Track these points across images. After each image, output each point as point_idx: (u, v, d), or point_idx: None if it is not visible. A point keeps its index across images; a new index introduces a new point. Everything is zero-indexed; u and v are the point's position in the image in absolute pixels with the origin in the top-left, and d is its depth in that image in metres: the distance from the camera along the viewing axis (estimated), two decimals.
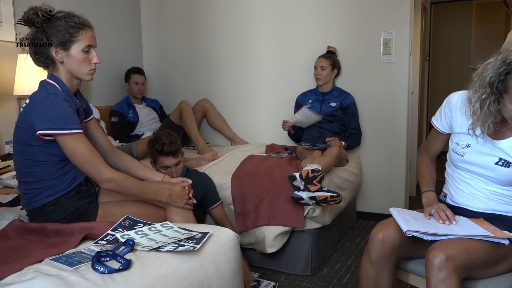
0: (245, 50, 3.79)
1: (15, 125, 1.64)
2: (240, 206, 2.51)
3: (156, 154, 2.30)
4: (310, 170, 2.26)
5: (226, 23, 3.84)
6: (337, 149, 2.79)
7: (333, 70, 3.26)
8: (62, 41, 1.62)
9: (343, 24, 3.43)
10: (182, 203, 1.82)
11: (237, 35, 3.81)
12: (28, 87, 2.75)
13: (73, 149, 1.57)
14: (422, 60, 4.60)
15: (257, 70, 3.77)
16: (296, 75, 3.62)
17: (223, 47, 3.88)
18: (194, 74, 4.04)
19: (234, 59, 3.85)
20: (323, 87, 3.28)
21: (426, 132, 5.35)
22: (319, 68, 3.22)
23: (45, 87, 1.63)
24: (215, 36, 3.90)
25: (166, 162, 2.29)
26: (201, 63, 3.99)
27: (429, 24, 5.35)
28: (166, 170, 2.29)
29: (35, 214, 1.66)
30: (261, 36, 3.72)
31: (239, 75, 3.85)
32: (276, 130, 3.69)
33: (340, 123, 3.21)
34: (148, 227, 1.53)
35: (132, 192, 1.72)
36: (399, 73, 3.31)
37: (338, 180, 2.80)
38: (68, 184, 1.67)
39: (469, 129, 1.51)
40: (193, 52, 4.02)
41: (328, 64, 3.22)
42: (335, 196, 2.26)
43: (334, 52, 3.38)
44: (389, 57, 3.31)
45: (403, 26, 3.27)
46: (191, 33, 4.00)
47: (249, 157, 2.96)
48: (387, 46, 3.31)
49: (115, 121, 3.58)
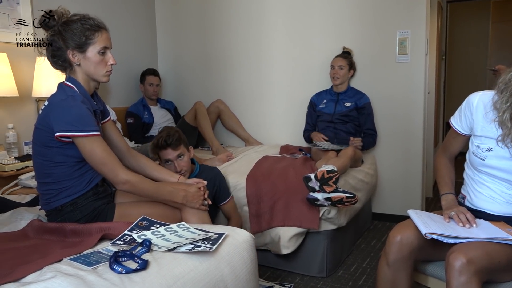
0: (259, 50, 3.79)
1: (34, 127, 1.67)
2: (255, 207, 2.51)
3: (156, 150, 2.23)
4: (325, 171, 2.25)
5: (239, 24, 3.85)
6: (352, 150, 2.77)
7: (350, 70, 3.25)
8: (78, 44, 1.64)
9: (358, 24, 3.41)
10: (198, 204, 1.83)
11: (251, 35, 3.81)
12: (46, 89, 2.79)
13: (90, 151, 1.58)
14: (438, 59, 4.54)
15: (271, 70, 3.77)
16: (310, 75, 3.60)
17: (237, 48, 3.88)
18: (208, 75, 4.06)
19: (248, 60, 3.85)
20: (338, 87, 3.27)
21: (443, 132, 5.28)
22: (337, 67, 3.20)
23: (63, 89, 1.65)
24: (229, 37, 3.91)
25: (166, 156, 2.20)
26: (215, 64, 4.01)
27: (445, 23, 5.28)
28: (169, 164, 2.21)
29: (54, 214, 1.69)
30: (275, 36, 3.72)
31: (253, 76, 3.85)
32: (290, 130, 3.68)
33: (354, 123, 3.18)
34: (164, 228, 1.54)
35: (148, 193, 1.73)
36: (415, 73, 3.27)
37: (353, 181, 2.78)
38: (85, 185, 1.69)
39: (498, 140, 1.46)
40: (207, 53, 4.03)
41: (346, 64, 3.21)
42: (350, 197, 2.24)
43: (350, 53, 3.36)
44: (405, 56, 3.28)
45: (419, 25, 3.23)
46: (205, 34, 4.02)
47: (263, 158, 2.96)
48: (402, 46, 3.28)
49: (131, 122, 3.62)
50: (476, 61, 6.17)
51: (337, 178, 2.26)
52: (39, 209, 1.88)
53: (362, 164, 3.11)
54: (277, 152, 3.33)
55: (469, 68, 6.23)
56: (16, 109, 2.89)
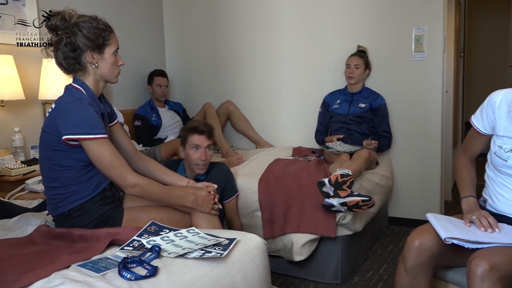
0: (270, 49, 3.79)
1: (41, 130, 1.69)
2: (268, 212, 2.51)
3: (187, 132, 2.35)
4: (339, 175, 2.24)
5: (249, 23, 3.86)
6: (366, 152, 2.76)
7: (366, 70, 3.24)
8: (97, 45, 1.66)
9: (372, 20, 3.40)
10: (208, 208, 1.84)
11: (261, 34, 3.81)
12: (53, 91, 2.82)
13: (98, 154, 1.60)
14: (456, 57, 4.50)
15: (282, 70, 3.77)
16: (323, 75, 3.59)
17: (247, 47, 3.89)
18: (218, 76, 4.07)
19: (258, 59, 3.85)
20: (353, 87, 3.25)
21: (462, 132, 5.23)
22: (353, 66, 3.19)
23: (70, 92, 1.67)
24: (238, 36, 3.92)
25: (198, 141, 2.33)
26: (225, 64, 4.02)
27: (464, 19, 5.23)
28: (196, 150, 2.32)
29: (61, 219, 1.70)
30: (286, 35, 3.72)
31: (264, 76, 3.85)
32: (303, 132, 3.67)
33: (369, 124, 3.17)
34: (174, 233, 1.54)
35: (157, 198, 1.74)
36: (432, 71, 3.25)
37: (368, 185, 2.77)
38: (93, 189, 1.70)
39: None
40: (216, 53, 4.05)
41: (362, 63, 3.20)
42: (366, 200, 2.23)
43: (366, 51, 3.35)
44: (421, 54, 3.26)
45: (436, 22, 3.20)
46: (214, 33, 4.03)
47: (275, 161, 2.96)
48: (419, 43, 3.25)
49: (138, 124, 3.64)
50: (496, 58, 6.10)
51: (352, 182, 2.25)
52: (46, 214, 1.90)
53: (377, 166, 3.09)
54: (289, 155, 3.33)
55: (488, 65, 6.16)
56: (23, 112, 2.93)
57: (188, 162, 2.39)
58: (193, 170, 2.39)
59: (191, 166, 2.39)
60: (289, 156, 3.28)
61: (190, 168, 2.41)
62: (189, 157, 2.36)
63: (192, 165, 2.37)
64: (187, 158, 2.40)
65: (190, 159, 2.36)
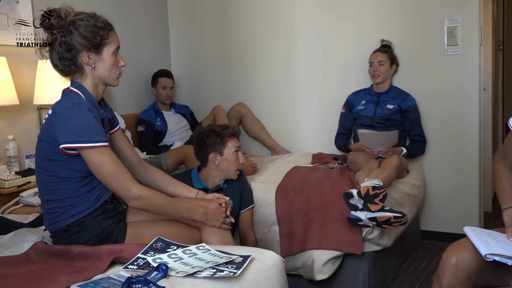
0: (285, 46, 3.80)
1: (38, 138, 1.71)
2: (286, 227, 2.51)
3: (227, 137, 2.40)
4: (370, 187, 2.23)
5: (262, 17, 3.87)
6: (397, 159, 2.74)
7: (392, 65, 3.23)
8: (94, 44, 1.68)
9: (399, 12, 3.38)
10: (219, 222, 1.84)
11: (276, 29, 3.82)
12: (49, 96, 2.86)
13: (98, 164, 1.62)
14: (494, 50, 4.45)
15: (299, 68, 3.77)
16: (345, 73, 3.59)
17: (260, 44, 3.90)
18: (228, 76, 4.09)
19: (273, 57, 3.86)
20: (379, 86, 3.24)
21: (503, 134, 5.15)
22: (377, 63, 3.19)
23: (68, 96, 1.69)
24: (251, 32, 3.93)
25: (237, 143, 2.43)
26: (236, 63, 4.04)
27: (502, 8, 5.17)
28: (237, 154, 2.41)
29: (59, 235, 1.72)
30: (303, 29, 3.72)
31: (279, 75, 3.86)
32: (323, 136, 3.67)
33: (398, 128, 3.15)
34: (182, 250, 1.55)
35: (163, 211, 1.75)
36: (468, 66, 3.22)
37: (398, 195, 2.75)
38: (93, 202, 1.72)
39: None
40: (226, 51, 4.07)
41: (386, 59, 3.19)
42: (399, 217, 2.22)
43: (390, 46, 3.34)
44: (455, 48, 3.23)
45: (471, 11, 3.18)
46: (224, 29, 4.06)
47: (293, 169, 2.96)
48: (452, 36, 3.23)
49: (142, 130, 3.68)
50: None
51: (385, 195, 2.24)
52: (43, 230, 1.92)
53: (407, 174, 3.07)
54: (308, 162, 3.33)
55: None
56: (17, 119, 2.98)
57: (227, 169, 2.41)
58: (231, 176, 2.44)
59: (229, 173, 2.43)
60: (309, 164, 3.28)
61: (225, 176, 2.44)
62: (230, 163, 2.40)
63: (232, 171, 2.42)
64: (226, 165, 2.40)
65: (231, 166, 2.41)
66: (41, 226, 2.03)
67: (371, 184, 2.28)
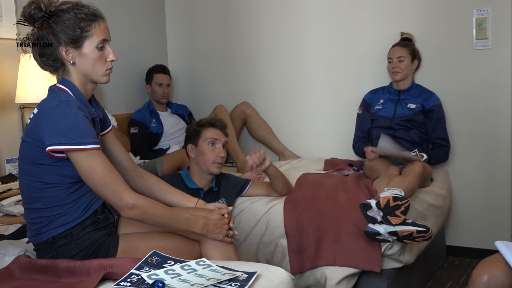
0: (295, 39, 3.81)
1: (21, 140, 1.72)
2: (296, 241, 2.50)
3: (201, 127, 2.53)
4: (391, 197, 2.22)
5: (270, 7, 3.88)
6: (420, 166, 2.74)
7: (413, 61, 3.23)
8: (72, 38, 1.68)
9: (421, 2, 3.39)
10: (221, 235, 1.84)
11: (285, 21, 3.83)
12: (33, 94, 2.88)
13: (88, 168, 1.62)
14: None
15: (311, 64, 3.77)
16: (361, 70, 3.59)
17: (267, 37, 3.91)
18: (231, 72, 4.10)
19: (281, 52, 3.87)
20: (400, 83, 3.24)
21: None
22: (396, 59, 3.19)
23: (55, 94, 1.70)
24: (257, 24, 3.94)
25: (215, 134, 2.51)
26: (240, 58, 4.04)
27: None
28: (213, 146, 2.51)
29: (44, 248, 1.72)
30: (315, 21, 3.73)
31: (288, 72, 3.86)
32: (337, 140, 3.67)
33: (420, 130, 3.15)
34: (180, 265, 1.55)
35: (160, 221, 1.75)
36: (499, 62, 3.22)
37: (421, 206, 2.75)
38: (82, 211, 1.72)
39: None
40: (230, 45, 4.08)
41: (407, 54, 3.19)
42: (423, 231, 2.22)
43: (411, 39, 3.34)
44: (485, 42, 3.24)
45: (503, 1, 3.18)
46: (227, 21, 4.07)
47: (304, 176, 2.96)
48: (481, 28, 3.23)
49: (135, 132, 3.68)
50: None
51: (407, 207, 2.23)
52: (26, 242, 1.92)
53: (431, 182, 3.06)
54: (320, 168, 3.33)
55: None
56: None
57: (203, 161, 2.53)
58: (209, 170, 2.53)
59: (206, 166, 2.52)
60: (321, 170, 3.28)
61: (204, 170, 2.54)
62: (205, 154, 2.51)
63: (209, 163, 2.51)
64: (201, 157, 2.53)
65: (206, 157, 2.51)
66: (24, 238, 2.03)
67: (392, 194, 2.27)
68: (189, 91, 4.31)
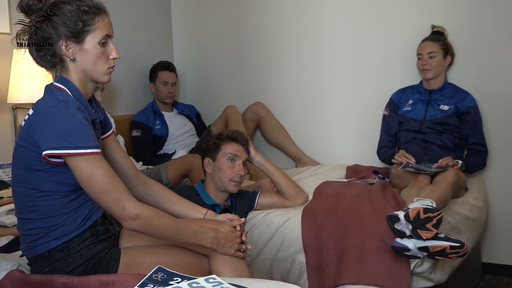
0: (314, 33, 3.81)
1: (15, 144, 1.73)
2: (315, 256, 2.50)
3: (221, 140, 2.56)
4: (421, 209, 2.21)
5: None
6: (454, 174, 2.72)
7: (446, 57, 3.21)
8: (74, 32, 1.70)
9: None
10: (233, 249, 1.84)
11: (303, 13, 3.84)
12: (27, 93, 2.89)
13: (88, 175, 1.63)
14: None
15: (331, 61, 3.77)
16: (387, 67, 3.58)
17: (283, 31, 3.91)
18: (243, 70, 4.11)
19: (299, 47, 3.87)
20: (431, 82, 3.23)
21: None
22: (426, 55, 3.18)
23: (52, 93, 1.71)
24: (272, 17, 3.95)
25: (235, 150, 2.54)
26: (253, 54, 4.05)
27: None
28: (233, 162, 2.54)
29: (39, 263, 1.73)
30: (336, 13, 3.73)
31: (306, 69, 3.86)
32: (360, 144, 3.66)
33: (454, 134, 3.13)
34: (188, 283, 1.55)
35: (165, 234, 1.76)
36: None
37: (454, 219, 2.73)
38: (80, 222, 1.73)
39: None
40: (241, 40, 4.09)
41: (438, 49, 3.17)
42: (457, 247, 2.20)
43: (443, 32, 3.33)
44: None
45: None
46: (238, 14, 4.08)
47: (324, 185, 2.96)
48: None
49: (137, 135, 3.70)
50: None
51: (439, 220, 2.22)
52: (19, 256, 1.93)
53: (466, 192, 3.04)
54: (342, 176, 3.32)
55: None
56: None
57: (219, 178, 2.55)
58: (225, 187, 2.55)
59: (222, 183, 2.54)
60: (342, 178, 3.27)
61: (220, 187, 2.56)
62: (223, 170, 2.53)
63: (226, 181, 2.53)
64: (218, 173, 2.55)
65: (224, 174, 2.53)
66: (17, 251, 2.04)
67: (422, 205, 2.26)
68: (197, 90, 4.33)
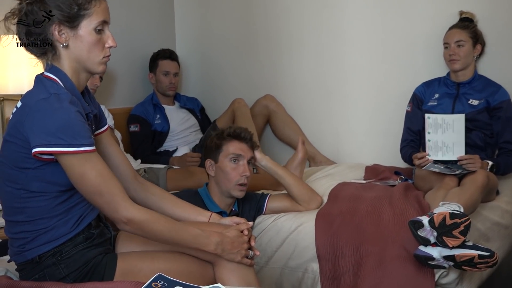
0: (332, 20, 3.81)
1: (3, 140, 1.74)
2: (330, 265, 2.50)
3: (223, 139, 2.52)
4: (448, 214, 2.21)
5: None
6: (484, 176, 2.71)
7: (475, 46, 3.20)
8: (68, 16, 1.70)
9: None
10: (239, 256, 1.85)
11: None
12: (15, 83, 2.92)
13: (81, 174, 1.64)
14: None
15: (349, 50, 3.77)
16: (410, 58, 3.58)
17: (297, 18, 3.92)
18: (252, 60, 4.11)
19: (314, 35, 3.87)
20: (459, 74, 3.22)
21: None
22: (454, 44, 3.16)
23: (43, 84, 1.71)
24: (286, 1, 3.94)
25: (238, 150, 2.49)
26: (263, 44, 4.06)
27: None
28: (236, 163, 2.49)
29: (29, 268, 1.74)
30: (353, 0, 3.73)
31: (320, 60, 3.86)
32: (380, 142, 3.66)
33: (484, 132, 3.13)
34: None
35: (164, 238, 1.77)
36: None
37: (483, 225, 2.72)
38: (73, 225, 1.74)
39: None
40: (250, 28, 4.09)
41: (467, 37, 3.16)
42: (486, 256, 2.20)
43: (472, 19, 3.31)
44: None
45: None
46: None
47: (340, 186, 2.96)
48: None
49: (136, 130, 3.70)
50: None
51: (467, 226, 2.21)
52: (7, 261, 1.95)
53: (497, 195, 3.04)
54: (360, 177, 3.32)
55: None
56: None
57: (223, 182, 2.51)
58: (230, 192, 2.51)
59: (226, 188, 2.51)
60: (361, 179, 3.27)
61: (224, 192, 2.53)
62: (226, 173, 2.49)
63: (230, 185, 2.49)
64: (221, 176, 2.51)
65: (228, 177, 2.49)
66: (5, 256, 2.06)
67: (449, 210, 2.26)
68: (201, 81, 4.33)
